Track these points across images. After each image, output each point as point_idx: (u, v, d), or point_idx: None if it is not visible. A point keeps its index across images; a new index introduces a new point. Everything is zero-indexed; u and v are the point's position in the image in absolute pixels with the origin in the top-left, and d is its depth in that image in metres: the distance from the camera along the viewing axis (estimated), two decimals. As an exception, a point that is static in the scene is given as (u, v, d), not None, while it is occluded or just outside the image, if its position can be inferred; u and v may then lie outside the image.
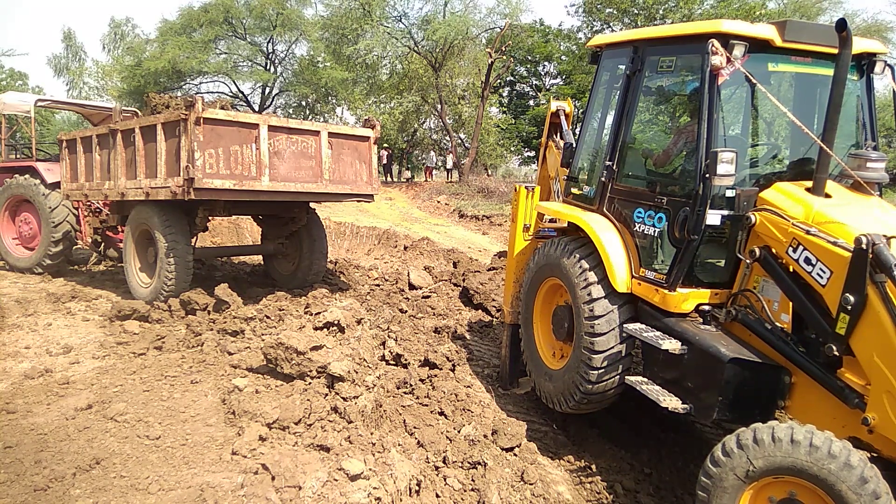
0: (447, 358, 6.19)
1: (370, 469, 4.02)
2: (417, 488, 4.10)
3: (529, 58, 37.22)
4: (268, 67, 33.41)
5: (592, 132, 5.66)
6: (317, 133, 7.74)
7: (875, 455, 3.54)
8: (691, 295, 4.43)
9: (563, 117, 6.81)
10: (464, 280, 9.58)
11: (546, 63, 38.25)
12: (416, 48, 28.92)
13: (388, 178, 34.26)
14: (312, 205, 9.13)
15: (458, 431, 4.87)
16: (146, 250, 8.27)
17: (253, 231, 13.89)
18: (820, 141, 3.91)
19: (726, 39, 4.05)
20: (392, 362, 6.08)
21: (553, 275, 5.42)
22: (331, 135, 7.89)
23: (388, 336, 6.62)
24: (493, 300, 8.75)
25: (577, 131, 5.84)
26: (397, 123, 32.91)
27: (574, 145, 5.76)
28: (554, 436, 5.55)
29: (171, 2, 72.20)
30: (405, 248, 13.74)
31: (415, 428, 4.83)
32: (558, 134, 6.89)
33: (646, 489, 4.92)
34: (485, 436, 4.85)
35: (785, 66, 4.47)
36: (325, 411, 4.67)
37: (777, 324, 4.06)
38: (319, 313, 5.85)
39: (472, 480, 4.30)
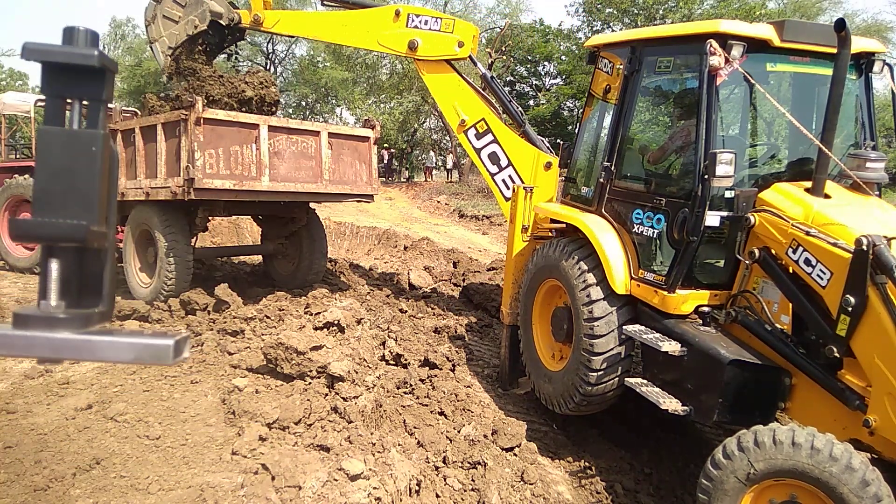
0: (447, 358, 6.19)
1: (370, 469, 4.02)
2: (417, 488, 4.10)
3: (529, 58, 37.11)
4: (268, 67, 33.43)
5: (591, 132, 5.66)
6: (317, 133, 7.74)
7: (876, 457, 3.53)
8: (691, 296, 4.42)
9: None
10: (464, 280, 9.58)
11: (546, 63, 38.14)
12: (416, 48, 28.85)
13: (388, 178, 34.23)
14: (312, 205, 9.12)
15: (458, 431, 4.87)
16: (146, 250, 8.26)
17: (253, 231, 13.87)
18: (819, 141, 3.91)
19: (724, 39, 4.04)
20: (392, 362, 6.08)
21: (552, 276, 5.42)
22: (331, 135, 7.89)
23: (388, 336, 6.62)
24: (493, 300, 8.74)
25: (577, 133, 5.83)
26: (397, 123, 32.84)
27: (572, 146, 5.76)
28: (554, 436, 5.55)
29: (171, 1, 72.10)
30: (405, 248, 13.73)
31: (415, 428, 4.83)
32: None
33: (646, 489, 4.92)
34: (485, 436, 4.85)
35: (783, 65, 4.47)
36: (325, 411, 4.67)
37: (777, 325, 4.06)
38: (319, 313, 5.86)
39: (472, 480, 4.30)
